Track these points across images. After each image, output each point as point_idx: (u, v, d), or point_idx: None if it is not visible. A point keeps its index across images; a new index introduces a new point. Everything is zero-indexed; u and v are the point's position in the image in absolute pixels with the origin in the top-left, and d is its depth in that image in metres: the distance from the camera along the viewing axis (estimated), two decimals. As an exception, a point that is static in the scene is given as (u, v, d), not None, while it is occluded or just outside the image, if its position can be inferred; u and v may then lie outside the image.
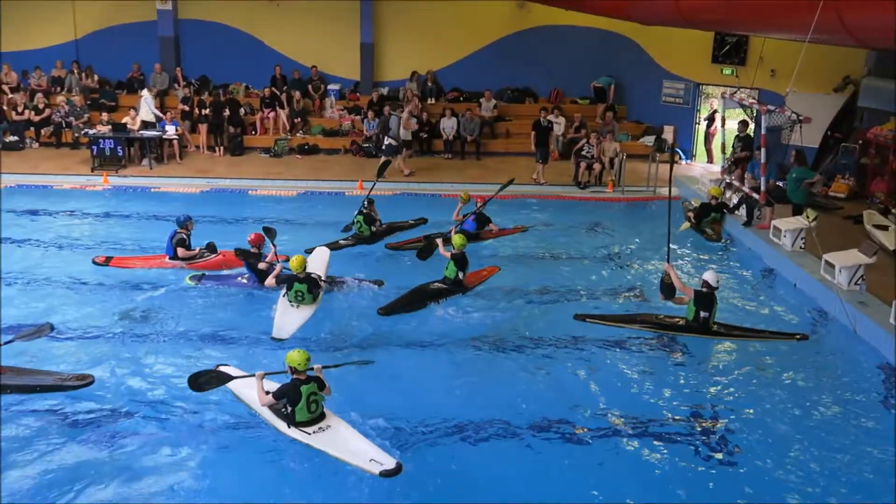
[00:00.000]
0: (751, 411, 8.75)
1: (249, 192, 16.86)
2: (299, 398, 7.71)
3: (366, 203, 13.66)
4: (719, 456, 7.93)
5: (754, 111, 15.09)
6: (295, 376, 7.75)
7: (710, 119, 20.03)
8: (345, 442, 7.61)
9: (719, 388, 9.29)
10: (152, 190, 16.81)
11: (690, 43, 19.55)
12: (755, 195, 14.42)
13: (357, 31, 22.00)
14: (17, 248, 13.24)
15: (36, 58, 21.87)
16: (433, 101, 21.71)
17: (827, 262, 11.76)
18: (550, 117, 18.71)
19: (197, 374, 7.94)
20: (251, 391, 8.12)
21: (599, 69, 21.67)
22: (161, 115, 19.33)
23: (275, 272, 11.03)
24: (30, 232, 14.03)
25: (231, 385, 8.19)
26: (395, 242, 13.44)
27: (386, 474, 7.16)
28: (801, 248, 13.09)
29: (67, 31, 22.32)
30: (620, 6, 16.93)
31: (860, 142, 16.97)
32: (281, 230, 13.95)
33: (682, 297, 10.41)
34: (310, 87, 21.86)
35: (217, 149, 19.98)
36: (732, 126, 17.37)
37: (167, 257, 12.30)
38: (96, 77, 21.82)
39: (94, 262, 12.24)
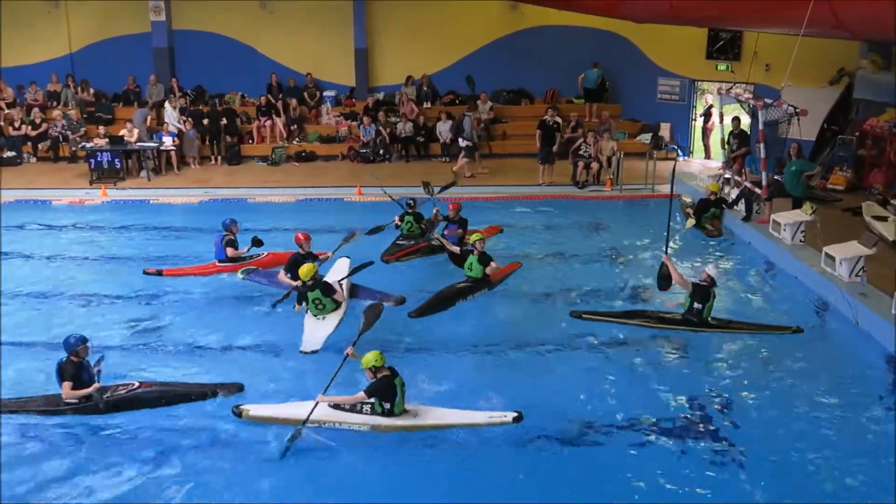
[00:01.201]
0: (753, 406, 8.77)
1: (248, 200, 16.88)
2: (395, 392, 7.93)
3: (410, 202, 14.03)
4: (722, 453, 7.90)
5: (750, 106, 15.10)
6: (380, 374, 7.93)
7: (707, 114, 20.02)
8: (449, 413, 7.99)
9: (721, 383, 9.29)
10: (151, 202, 16.81)
11: (684, 40, 19.54)
12: (757, 190, 14.42)
13: (351, 36, 22.03)
14: (22, 264, 13.29)
15: (31, 72, 21.88)
16: (429, 105, 21.72)
17: (827, 254, 11.76)
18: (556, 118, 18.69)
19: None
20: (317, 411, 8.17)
21: (595, 68, 21.67)
22: (182, 126, 19.41)
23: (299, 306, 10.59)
24: (31, 247, 14.03)
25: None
26: (391, 255, 13.24)
27: (518, 420, 7.96)
28: (801, 241, 13.10)
29: (62, 45, 22.34)
30: (613, 5, 16.96)
31: (857, 134, 17.00)
32: (282, 238, 14.04)
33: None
34: (305, 94, 21.89)
35: (214, 158, 20.02)
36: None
37: (217, 262, 12.52)
38: (92, 90, 21.84)
39: (146, 273, 12.42)
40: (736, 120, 16.23)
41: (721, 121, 17.19)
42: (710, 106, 19.83)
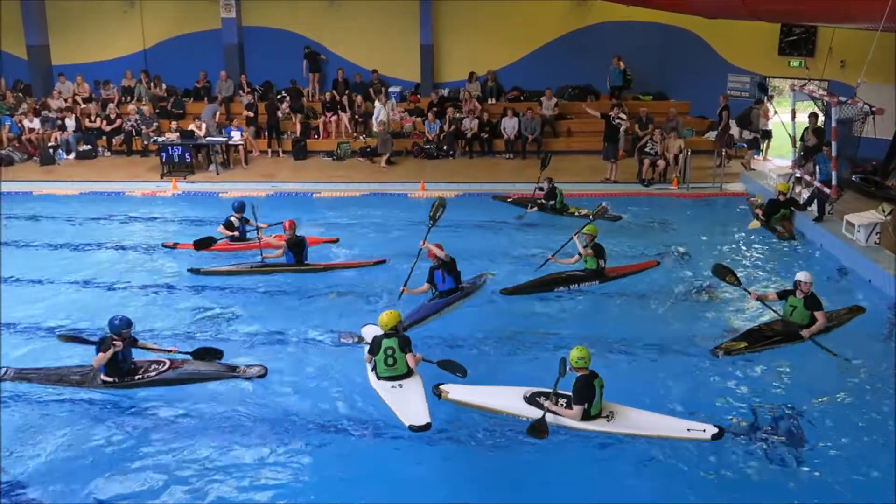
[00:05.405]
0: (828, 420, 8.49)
1: (313, 195, 17.08)
2: (594, 393, 7.85)
3: (542, 187, 15.56)
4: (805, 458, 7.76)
5: (824, 103, 14.69)
6: (580, 374, 7.87)
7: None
8: (646, 422, 7.87)
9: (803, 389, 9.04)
10: (220, 195, 17.13)
11: (756, 35, 19.13)
12: (826, 189, 14.03)
13: (416, 33, 22.14)
14: (95, 252, 13.74)
15: (107, 68, 22.62)
16: (494, 101, 21.70)
17: (904, 256, 11.40)
18: (621, 115, 18.47)
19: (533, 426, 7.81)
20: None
21: (662, 64, 21.39)
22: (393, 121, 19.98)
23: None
24: (105, 237, 14.52)
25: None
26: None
27: (717, 436, 7.62)
28: (875, 243, 12.70)
29: (136, 42, 23.02)
30: (683, 0, 16.67)
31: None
32: (345, 232, 14.19)
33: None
34: (371, 90, 22.06)
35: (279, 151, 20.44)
36: (800, 119, 16.92)
37: (228, 241, 13.54)
38: (164, 86, 22.39)
39: (164, 245, 13.71)
40: (813, 117, 15.82)
41: (793, 118, 16.72)
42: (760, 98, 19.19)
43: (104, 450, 7.91)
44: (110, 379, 8.96)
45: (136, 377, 9.04)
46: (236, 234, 13.53)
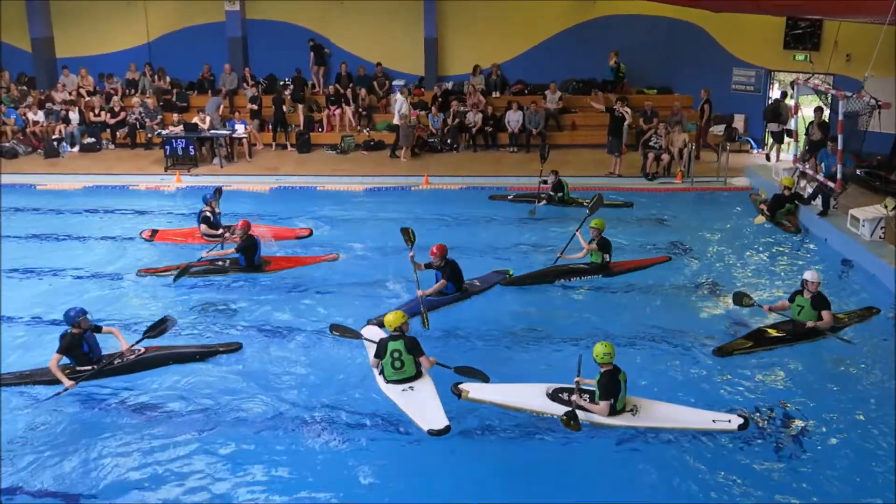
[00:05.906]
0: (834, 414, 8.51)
1: (317, 188, 17.07)
2: (619, 388, 7.87)
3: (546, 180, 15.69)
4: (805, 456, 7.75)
5: (830, 97, 14.63)
6: (605, 369, 7.87)
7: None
8: (671, 414, 7.95)
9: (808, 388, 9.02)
10: (224, 188, 17.06)
11: (761, 29, 19.04)
12: (830, 184, 14.00)
13: (420, 26, 22.08)
14: (99, 246, 13.70)
15: (111, 61, 22.60)
16: (498, 95, 21.64)
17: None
18: (624, 109, 18.42)
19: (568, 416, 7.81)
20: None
21: (667, 58, 21.33)
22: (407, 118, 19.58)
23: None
24: (109, 230, 14.48)
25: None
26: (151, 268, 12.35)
27: (743, 427, 7.79)
28: (880, 237, 12.66)
29: (140, 35, 22.97)
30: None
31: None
32: (348, 226, 14.19)
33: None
34: (375, 83, 22.02)
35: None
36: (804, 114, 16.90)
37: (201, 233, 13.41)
38: (168, 79, 22.36)
39: (142, 237, 13.63)
40: (818, 111, 15.77)
41: (796, 112, 16.66)
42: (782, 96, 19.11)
43: (101, 449, 7.82)
44: (87, 368, 8.84)
45: (115, 361, 8.97)
46: (220, 231, 13.22)
